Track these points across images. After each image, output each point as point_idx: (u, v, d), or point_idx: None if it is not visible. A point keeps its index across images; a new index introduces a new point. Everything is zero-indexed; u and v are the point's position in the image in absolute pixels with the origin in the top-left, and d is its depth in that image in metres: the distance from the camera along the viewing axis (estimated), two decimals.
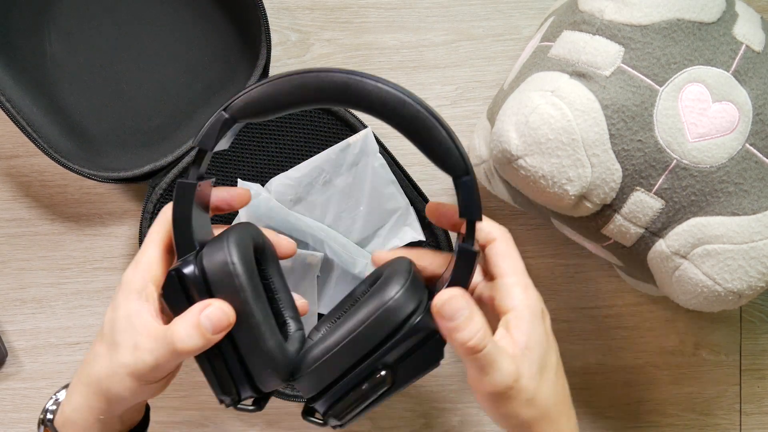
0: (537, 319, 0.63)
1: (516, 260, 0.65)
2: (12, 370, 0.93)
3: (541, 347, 0.62)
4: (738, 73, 0.69)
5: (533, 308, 0.63)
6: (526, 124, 0.69)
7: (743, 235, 0.68)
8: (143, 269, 0.63)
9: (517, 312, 0.62)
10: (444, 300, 0.59)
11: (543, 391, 0.62)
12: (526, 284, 0.64)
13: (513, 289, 0.63)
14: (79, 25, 0.86)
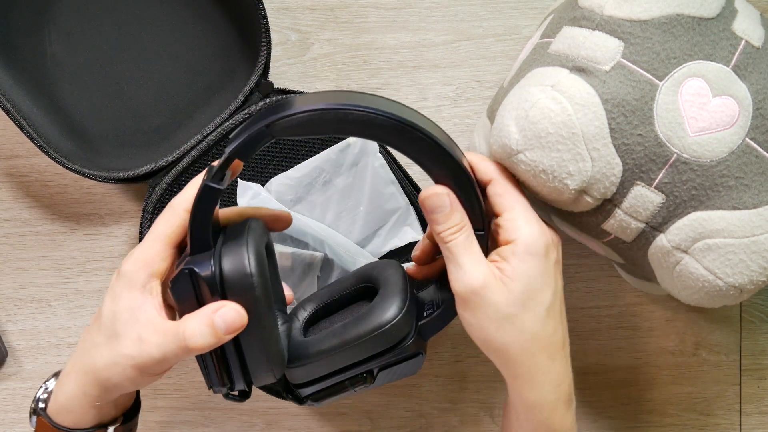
0: (531, 254, 0.63)
1: (512, 196, 0.66)
2: (12, 370, 0.93)
3: (529, 280, 0.63)
4: (738, 68, 0.70)
5: (528, 243, 0.63)
6: (526, 119, 0.69)
7: (744, 229, 0.68)
8: (147, 262, 0.63)
9: (512, 246, 0.63)
10: (428, 195, 0.64)
11: (524, 321, 0.63)
12: (526, 218, 0.65)
13: (508, 225, 0.64)
14: (79, 25, 0.86)
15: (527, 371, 0.65)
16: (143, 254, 0.64)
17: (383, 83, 0.91)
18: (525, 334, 0.64)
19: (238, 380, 0.65)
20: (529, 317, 0.63)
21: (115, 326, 0.63)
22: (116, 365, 0.62)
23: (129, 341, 0.62)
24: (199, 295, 0.62)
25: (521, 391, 0.66)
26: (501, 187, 0.66)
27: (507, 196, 0.65)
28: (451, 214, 0.63)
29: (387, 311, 0.66)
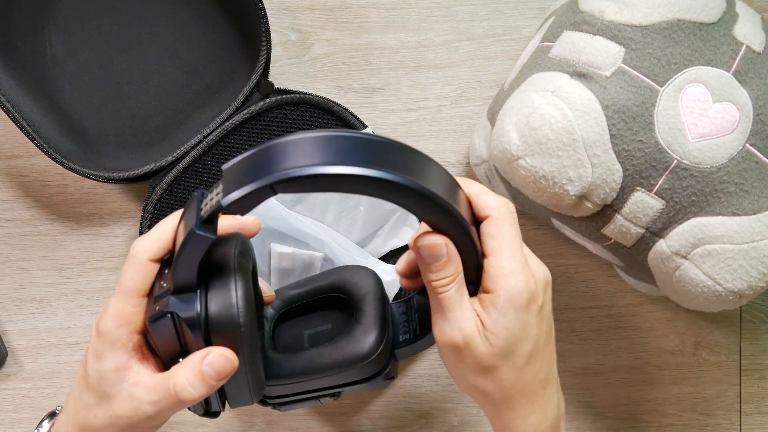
0: (511, 308, 0.61)
1: (504, 240, 0.62)
2: (12, 370, 0.93)
3: (509, 333, 0.61)
4: (738, 74, 0.69)
5: (510, 296, 0.61)
6: (527, 124, 0.69)
7: (744, 235, 0.68)
8: (125, 321, 0.61)
9: (493, 298, 0.61)
10: (425, 244, 0.60)
11: (503, 372, 0.62)
12: (511, 269, 0.61)
13: (493, 272, 0.61)
14: (79, 25, 0.86)
15: (506, 415, 0.64)
16: (119, 312, 0.62)
17: (383, 83, 0.90)
18: (504, 383, 0.63)
19: (216, 401, 0.64)
20: (507, 369, 0.62)
21: (103, 388, 0.62)
22: (112, 425, 0.62)
23: (121, 402, 0.61)
24: (180, 336, 0.60)
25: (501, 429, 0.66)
26: (495, 227, 0.62)
27: (498, 238, 0.62)
28: (446, 264, 0.61)
29: (368, 344, 0.66)
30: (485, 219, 0.62)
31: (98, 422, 0.63)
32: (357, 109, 0.88)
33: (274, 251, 0.85)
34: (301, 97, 0.85)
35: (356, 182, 0.53)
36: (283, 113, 0.86)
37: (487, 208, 0.62)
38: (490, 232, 0.62)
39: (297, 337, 0.71)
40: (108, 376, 0.61)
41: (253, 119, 0.85)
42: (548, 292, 0.64)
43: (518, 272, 0.61)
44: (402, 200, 0.56)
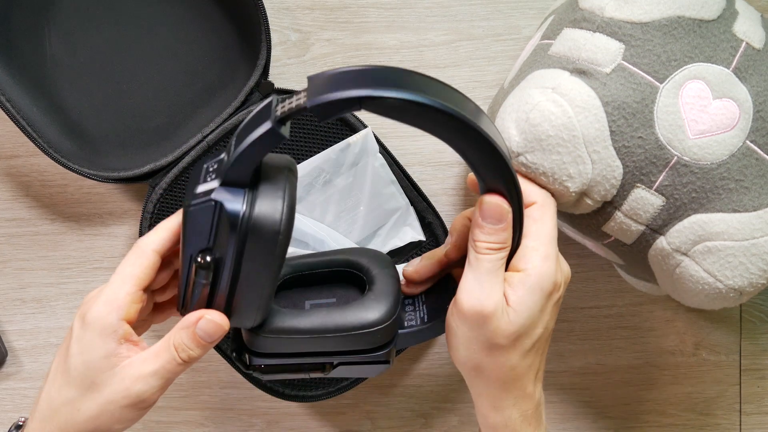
0: (538, 290, 0.62)
1: (545, 226, 0.64)
2: (12, 370, 0.93)
3: (530, 314, 0.62)
4: (738, 71, 0.70)
5: (541, 279, 0.62)
6: (527, 121, 0.69)
7: (744, 231, 0.68)
8: (117, 306, 0.61)
9: (524, 276, 0.63)
10: (493, 201, 0.61)
11: (510, 354, 0.63)
12: (547, 254, 0.63)
13: (530, 253, 0.63)
14: (79, 25, 0.86)
15: (497, 395, 0.65)
16: (113, 297, 0.61)
17: None
18: (506, 366, 0.63)
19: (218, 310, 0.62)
20: (515, 352, 0.63)
21: (91, 377, 0.61)
22: (105, 413, 0.61)
23: (114, 386, 0.61)
24: (214, 231, 0.58)
25: (487, 412, 0.66)
26: (539, 212, 0.65)
27: (540, 223, 0.64)
28: (503, 230, 0.62)
29: (379, 312, 0.65)
30: (530, 205, 0.64)
31: (83, 415, 0.62)
32: None
33: None
34: None
35: (441, 120, 0.55)
36: None
37: (533, 195, 0.65)
38: (534, 216, 0.64)
39: (298, 304, 0.69)
40: (97, 365, 0.61)
41: None
42: (565, 288, 0.66)
43: (552, 258, 0.63)
44: (473, 153, 0.58)
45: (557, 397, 0.94)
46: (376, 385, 0.93)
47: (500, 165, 0.59)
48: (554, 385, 0.93)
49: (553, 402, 0.94)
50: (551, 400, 0.93)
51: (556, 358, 0.93)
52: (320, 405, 0.93)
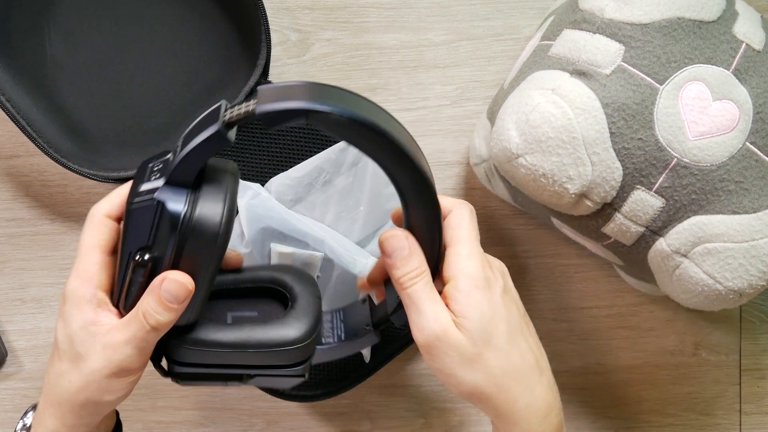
0: (477, 288, 0.62)
1: (464, 230, 0.64)
2: (12, 370, 0.93)
3: (479, 314, 0.62)
4: (738, 72, 0.70)
5: (473, 277, 0.62)
6: (527, 123, 0.69)
7: (744, 233, 0.68)
8: (88, 277, 0.61)
9: (454, 282, 0.63)
10: (386, 237, 0.63)
11: (488, 358, 0.62)
12: (469, 254, 0.63)
13: (453, 259, 0.63)
14: (79, 25, 0.86)
15: (507, 407, 0.64)
16: (81, 269, 0.62)
17: (383, 83, 0.91)
18: (494, 370, 0.63)
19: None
20: (491, 354, 0.62)
21: (75, 348, 0.61)
22: (91, 383, 0.61)
23: (95, 355, 0.61)
24: (154, 229, 0.59)
25: (507, 430, 0.65)
26: (455, 219, 0.65)
27: (457, 230, 0.64)
28: (409, 258, 0.63)
29: (299, 330, 0.65)
30: (447, 216, 0.64)
31: (73, 387, 0.62)
32: None
33: (274, 251, 0.85)
34: None
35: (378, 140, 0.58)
36: None
37: (447, 205, 0.65)
38: (451, 224, 0.64)
39: (220, 316, 0.69)
40: (77, 335, 0.61)
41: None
42: (507, 279, 0.67)
43: (474, 256, 0.63)
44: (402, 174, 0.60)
45: None
46: (376, 385, 0.93)
47: (424, 186, 0.61)
48: None
49: None
50: None
51: (556, 358, 0.93)
52: (320, 405, 0.93)
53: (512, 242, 0.92)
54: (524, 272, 0.92)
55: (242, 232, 0.84)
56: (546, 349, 0.92)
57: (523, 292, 0.91)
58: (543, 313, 0.93)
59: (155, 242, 0.59)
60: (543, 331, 0.92)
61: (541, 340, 0.69)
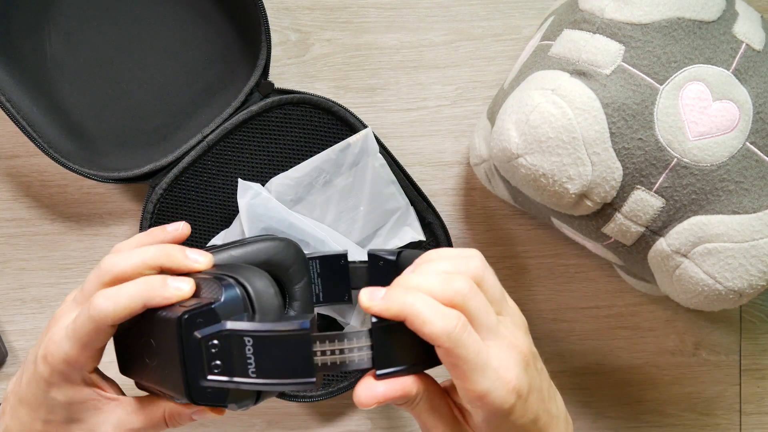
0: (498, 419, 0.58)
1: (464, 365, 0.56)
2: (12, 370, 0.93)
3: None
4: (738, 72, 0.70)
5: (490, 416, 0.57)
6: (527, 123, 0.69)
7: (744, 233, 0.68)
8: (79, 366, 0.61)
9: (474, 416, 0.59)
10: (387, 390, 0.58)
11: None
12: (481, 393, 0.56)
13: (464, 395, 0.57)
14: (79, 25, 0.86)
15: None
16: (73, 359, 0.60)
17: (383, 83, 0.91)
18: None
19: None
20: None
21: (71, 414, 0.61)
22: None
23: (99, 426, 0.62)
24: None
25: None
26: (449, 359, 0.57)
27: (457, 368, 0.57)
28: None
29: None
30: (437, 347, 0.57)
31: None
32: (357, 109, 0.88)
33: None
34: (301, 97, 0.85)
35: None
36: (283, 113, 0.86)
37: (431, 339, 0.56)
38: (448, 362, 0.57)
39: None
40: (76, 407, 0.61)
41: (253, 119, 0.85)
42: (530, 371, 0.59)
43: (489, 393, 0.56)
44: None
45: None
46: None
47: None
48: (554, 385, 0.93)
49: None
50: None
51: (556, 358, 0.93)
52: (320, 405, 0.93)
53: (512, 242, 0.92)
54: (524, 272, 0.92)
55: (242, 232, 0.84)
56: (546, 348, 0.93)
57: (523, 292, 0.92)
58: (543, 313, 0.93)
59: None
60: (543, 331, 0.92)
61: (541, 340, 0.69)
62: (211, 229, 0.87)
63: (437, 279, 0.58)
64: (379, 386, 0.57)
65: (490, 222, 0.92)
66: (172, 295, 0.59)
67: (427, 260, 0.61)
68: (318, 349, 0.57)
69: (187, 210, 0.86)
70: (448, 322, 0.55)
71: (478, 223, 0.92)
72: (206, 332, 0.58)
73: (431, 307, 0.55)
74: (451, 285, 0.57)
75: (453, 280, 0.57)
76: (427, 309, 0.55)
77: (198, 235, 0.87)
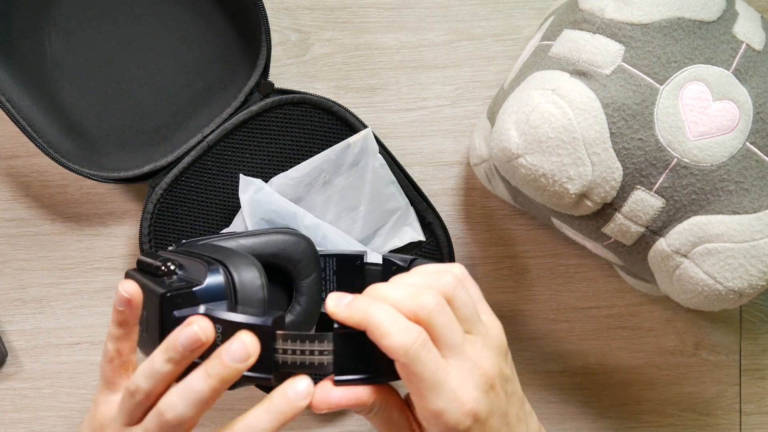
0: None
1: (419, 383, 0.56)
2: (12, 370, 0.93)
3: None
4: (738, 72, 0.70)
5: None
6: (527, 123, 0.69)
7: (744, 233, 0.68)
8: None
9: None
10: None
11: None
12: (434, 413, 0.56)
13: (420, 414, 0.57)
14: (79, 25, 0.86)
15: None
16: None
17: (383, 83, 0.91)
18: None
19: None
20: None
21: None
22: None
23: None
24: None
25: None
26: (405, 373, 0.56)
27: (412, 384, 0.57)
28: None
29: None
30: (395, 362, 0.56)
31: None
32: (357, 109, 0.88)
33: None
34: (301, 97, 0.85)
35: None
36: (283, 113, 0.86)
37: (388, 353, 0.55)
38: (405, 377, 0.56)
39: None
40: None
41: (253, 119, 0.85)
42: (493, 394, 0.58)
43: (443, 413, 0.56)
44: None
45: (557, 397, 0.94)
46: None
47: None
48: (554, 385, 0.93)
49: (553, 402, 0.94)
50: (551, 400, 0.93)
51: (556, 358, 0.93)
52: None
53: (512, 242, 0.92)
54: (524, 272, 0.92)
55: (245, 227, 0.84)
56: (546, 349, 0.93)
57: (523, 292, 0.91)
58: (543, 313, 0.92)
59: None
60: (543, 331, 0.92)
61: (541, 340, 0.69)
62: (211, 230, 0.87)
63: (405, 291, 0.57)
64: (334, 392, 0.57)
65: (490, 222, 0.92)
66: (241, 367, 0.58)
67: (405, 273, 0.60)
68: (280, 346, 0.57)
69: (187, 210, 0.86)
70: (407, 337, 0.54)
71: (478, 223, 0.92)
72: (183, 313, 0.60)
73: (392, 320, 0.55)
74: (418, 299, 0.56)
75: (420, 295, 0.56)
76: (388, 321, 0.55)
77: (198, 235, 0.87)
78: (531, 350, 0.93)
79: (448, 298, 0.58)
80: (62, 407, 0.93)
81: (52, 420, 0.93)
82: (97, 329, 0.92)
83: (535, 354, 0.93)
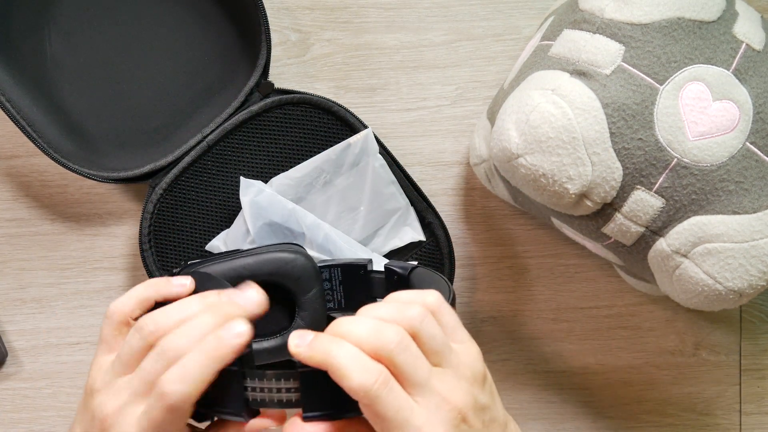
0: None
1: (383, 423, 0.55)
2: (12, 370, 0.93)
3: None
4: (738, 72, 0.70)
5: None
6: (527, 123, 0.69)
7: (744, 233, 0.68)
8: None
9: None
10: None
11: None
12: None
13: None
14: (79, 25, 0.86)
15: None
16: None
17: (383, 83, 0.91)
18: None
19: None
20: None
21: None
22: None
23: None
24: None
25: None
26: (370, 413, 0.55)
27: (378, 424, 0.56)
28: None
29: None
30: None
31: None
32: (357, 109, 0.88)
33: None
34: (301, 97, 0.85)
35: None
36: (283, 113, 0.86)
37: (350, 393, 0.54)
38: (369, 417, 0.55)
39: None
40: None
41: (253, 119, 0.85)
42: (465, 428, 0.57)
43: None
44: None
45: (557, 397, 0.94)
46: None
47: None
48: (554, 385, 0.93)
49: (553, 402, 0.94)
50: (551, 400, 0.93)
51: (556, 358, 0.93)
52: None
53: (512, 242, 0.92)
54: (524, 272, 0.92)
55: (247, 230, 0.84)
56: (546, 349, 0.93)
57: (523, 292, 0.91)
58: (543, 313, 0.92)
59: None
60: (543, 331, 0.92)
61: (541, 340, 0.69)
62: (211, 230, 0.87)
63: (368, 328, 0.55)
64: (305, 428, 0.56)
65: (490, 222, 0.92)
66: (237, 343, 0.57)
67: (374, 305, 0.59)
68: (249, 385, 0.57)
69: (187, 210, 0.86)
70: (367, 377, 0.53)
71: (478, 223, 0.92)
72: None
73: (353, 360, 0.54)
74: (379, 336, 0.55)
75: (382, 331, 0.55)
76: (348, 361, 0.54)
77: (198, 235, 0.87)
78: (531, 350, 0.93)
79: (413, 333, 0.56)
80: (62, 407, 0.93)
81: (52, 420, 0.93)
82: (97, 329, 0.91)
83: (535, 354, 0.93)
